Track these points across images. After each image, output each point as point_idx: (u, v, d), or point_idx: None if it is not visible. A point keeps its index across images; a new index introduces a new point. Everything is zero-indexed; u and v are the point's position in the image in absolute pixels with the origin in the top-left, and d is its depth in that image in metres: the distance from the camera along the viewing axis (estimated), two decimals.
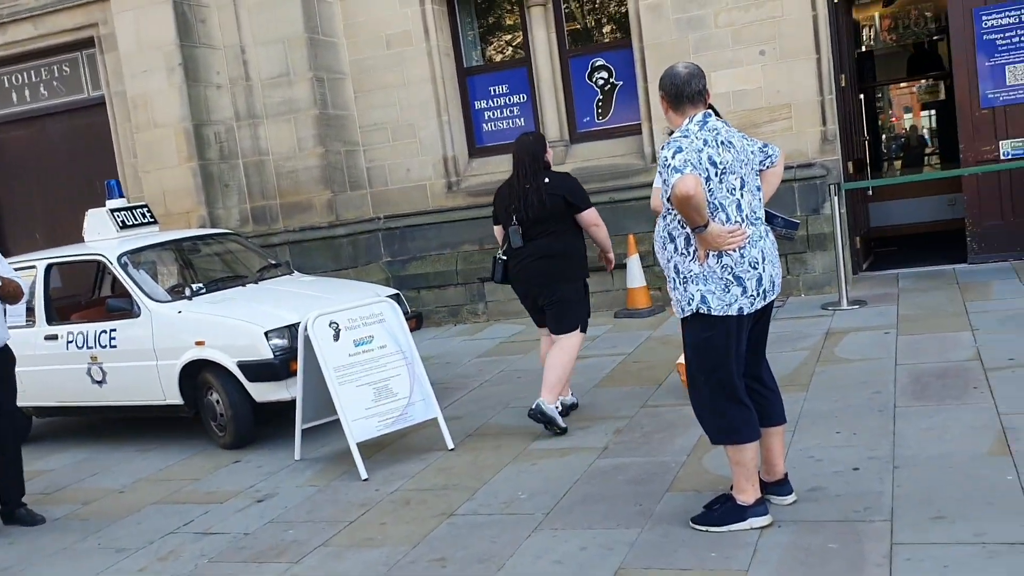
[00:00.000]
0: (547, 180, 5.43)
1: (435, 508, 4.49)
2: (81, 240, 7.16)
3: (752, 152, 3.72)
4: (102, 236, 6.96)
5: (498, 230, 5.75)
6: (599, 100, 9.61)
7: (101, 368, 6.37)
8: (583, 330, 5.67)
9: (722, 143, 3.57)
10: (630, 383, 6.33)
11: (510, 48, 10.17)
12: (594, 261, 6.06)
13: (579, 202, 5.47)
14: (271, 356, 5.84)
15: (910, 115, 18.90)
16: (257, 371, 5.87)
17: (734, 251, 3.54)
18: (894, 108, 17.27)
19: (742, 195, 3.60)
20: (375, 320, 5.53)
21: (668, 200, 3.52)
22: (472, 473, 4.94)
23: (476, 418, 6.00)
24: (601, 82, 9.57)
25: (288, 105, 9.39)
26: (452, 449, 5.38)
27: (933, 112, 16.69)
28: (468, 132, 10.03)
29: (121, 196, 7.27)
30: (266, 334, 5.88)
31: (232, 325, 6.00)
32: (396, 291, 7.00)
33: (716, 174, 3.52)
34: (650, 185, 8.92)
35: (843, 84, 8.89)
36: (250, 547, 4.34)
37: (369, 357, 5.40)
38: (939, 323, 6.69)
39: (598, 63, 9.57)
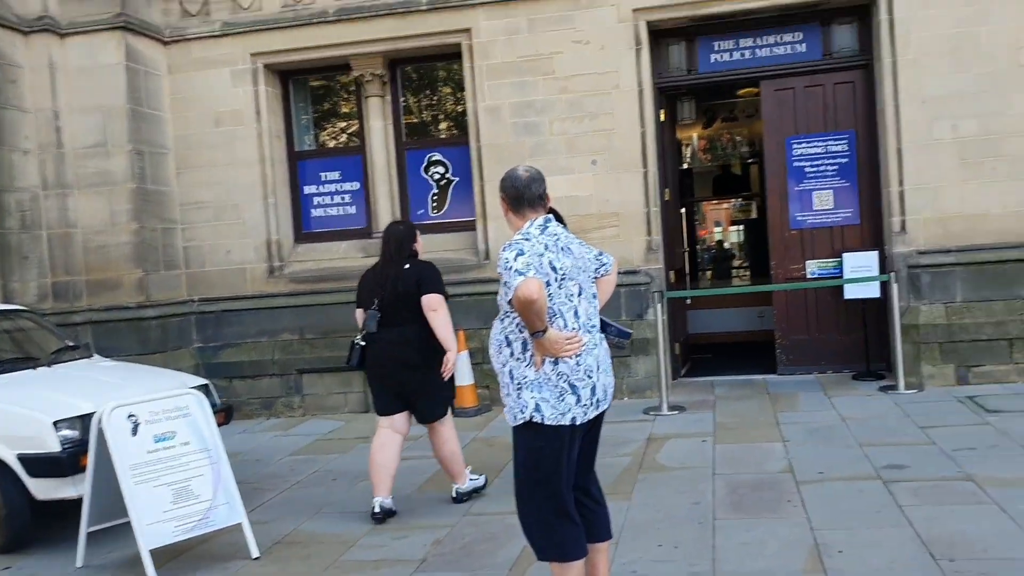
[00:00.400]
0: (407, 267, 5.50)
1: None
2: None
3: (589, 259, 3.70)
4: None
5: (359, 314, 5.73)
6: (434, 194, 9.59)
7: None
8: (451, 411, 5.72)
9: (562, 248, 3.53)
10: (451, 488, 6.08)
11: (345, 135, 10.04)
12: None
13: (427, 286, 5.49)
14: (58, 449, 5.24)
15: (720, 229, 20.13)
16: (41, 466, 5.25)
17: (570, 358, 3.45)
18: (707, 223, 18.38)
19: (580, 302, 3.54)
20: (179, 414, 5.09)
21: (508, 303, 3.41)
22: None
23: (285, 523, 5.59)
24: (437, 176, 9.57)
25: (103, 177, 8.81)
26: (257, 558, 4.95)
27: (742, 228, 17.84)
28: (296, 217, 9.74)
29: None
30: (55, 424, 5.29)
31: (15, 413, 5.37)
32: (205, 381, 6.52)
33: (556, 279, 3.46)
34: (484, 281, 8.99)
35: (667, 198, 9.27)
36: None
37: (170, 454, 4.94)
38: (753, 433, 6.89)
39: (435, 157, 9.58)
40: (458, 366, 8.48)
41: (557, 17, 8.73)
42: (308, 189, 9.76)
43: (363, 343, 5.58)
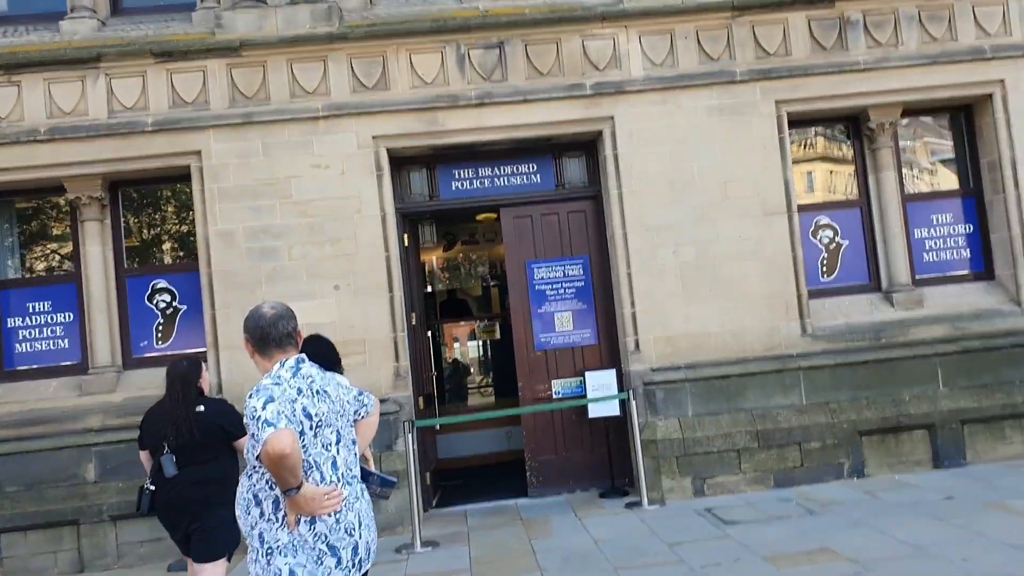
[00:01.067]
0: (201, 408, 5.40)
1: None
2: None
3: (348, 402, 3.42)
4: None
5: (144, 455, 5.62)
6: (160, 324, 8.85)
7: None
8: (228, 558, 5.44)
9: (317, 392, 3.23)
10: None
11: (57, 261, 9.10)
12: None
13: (235, 430, 5.40)
14: None
15: (458, 345, 20.36)
16: None
17: (329, 516, 3.12)
18: (446, 340, 18.54)
19: (338, 450, 3.24)
20: None
21: (257, 457, 3.04)
22: None
23: None
24: (163, 304, 8.86)
25: None
26: None
27: (482, 346, 18.14)
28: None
29: None
30: None
31: None
32: None
33: (311, 427, 3.15)
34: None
35: (413, 322, 9.16)
36: None
37: None
38: (509, 565, 6.73)
39: (160, 284, 8.89)
40: None
41: (295, 141, 8.53)
42: (12, 322, 8.68)
43: (152, 487, 5.37)
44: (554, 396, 9.03)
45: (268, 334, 3.29)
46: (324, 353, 6.24)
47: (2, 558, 7.99)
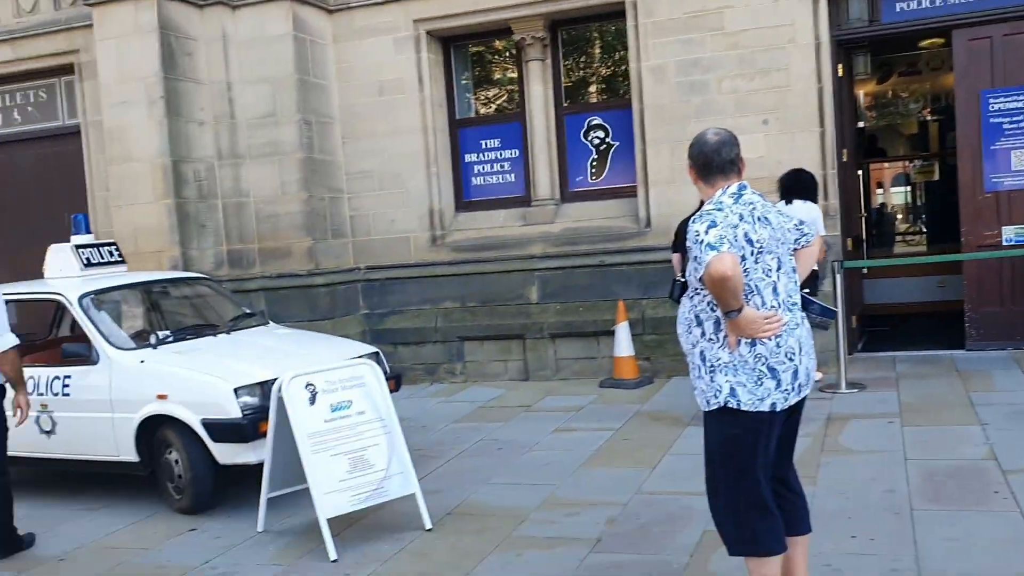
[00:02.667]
0: None
1: None
2: (42, 276, 6.70)
3: (788, 230, 3.39)
4: (64, 273, 6.50)
5: (676, 258, 6.58)
6: (593, 159, 9.34)
7: (51, 417, 5.88)
8: None
9: (759, 219, 3.24)
10: (621, 463, 5.93)
11: (505, 101, 9.91)
12: None
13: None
14: (239, 415, 5.38)
15: (894, 190, 18.96)
16: (223, 431, 5.41)
17: (769, 339, 3.18)
18: (876, 184, 17.32)
19: (778, 277, 3.26)
20: (355, 384, 5.11)
21: (699, 280, 3.17)
22: (452, 561, 4.49)
23: (454, 494, 5.56)
24: (597, 141, 9.32)
25: (273, 147, 9.03)
26: (429, 530, 4.93)
27: (908, 189, 16.71)
28: (456, 185, 9.71)
29: (88, 232, 6.84)
30: (235, 391, 5.43)
31: (199, 379, 5.55)
32: (376, 349, 6.57)
33: (752, 253, 3.18)
34: (644, 250, 8.72)
35: (844, 159, 8.69)
36: None
37: (346, 424, 4.97)
38: (944, 415, 6.37)
39: (595, 122, 9.32)
40: (618, 336, 8.36)
41: None
42: (469, 157, 9.70)
43: (683, 279, 5.71)
44: (1004, 243, 8.13)
45: (711, 160, 3.35)
46: (805, 184, 6.85)
47: (465, 362, 9.29)
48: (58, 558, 5.05)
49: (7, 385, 5.11)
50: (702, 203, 3.45)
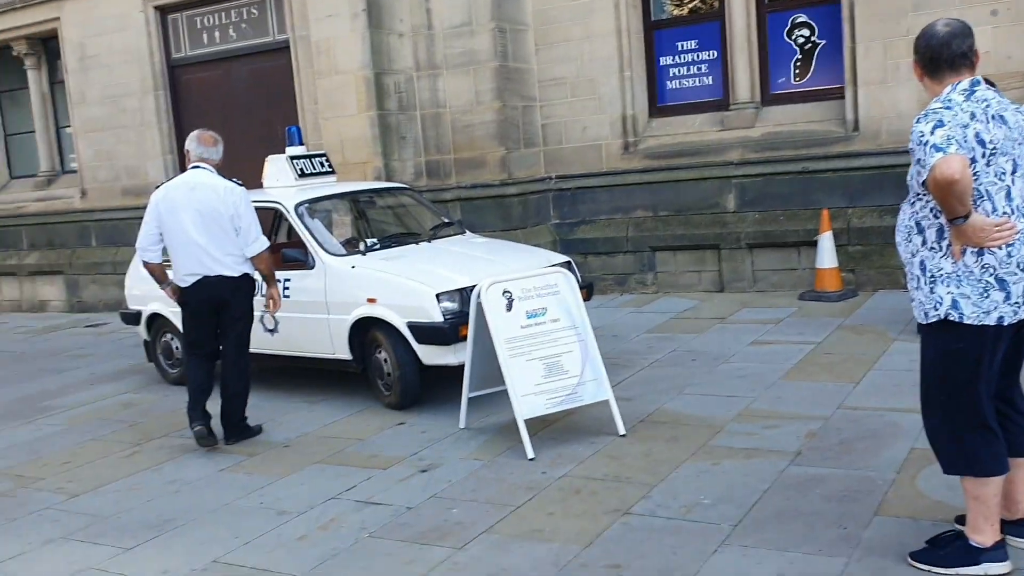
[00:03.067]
0: None
1: (607, 503, 4.14)
2: (259, 185, 7.15)
3: None
4: (281, 183, 6.92)
5: None
6: (797, 60, 8.85)
7: (274, 316, 6.35)
8: None
9: (992, 117, 2.98)
10: (822, 377, 5.75)
11: (701, 1, 9.49)
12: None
13: None
14: (441, 319, 5.62)
15: None
16: (426, 333, 5.67)
17: (999, 249, 2.95)
18: None
19: (1013, 181, 3.00)
20: (549, 292, 5.19)
21: (922, 184, 2.96)
22: (646, 467, 4.55)
23: (647, 402, 5.59)
24: (801, 40, 8.80)
25: (468, 56, 9.12)
26: (623, 435, 5.00)
27: None
28: (651, 90, 9.48)
29: (301, 143, 7.22)
30: (437, 296, 5.66)
31: (404, 285, 5.82)
32: (568, 258, 6.63)
33: (983, 155, 2.94)
34: (851, 155, 8.27)
35: None
36: (412, 524, 4.12)
37: (541, 330, 5.08)
38: None
39: (799, 19, 8.79)
40: (821, 246, 8.01)
41: None
42: (664, 60, 9.42)
43: None
44: None
45: (939, 54, 3.07)
46: None
47: (657, 272, 9.22)
48: (283, 444, 5.52)
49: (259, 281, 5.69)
50: None
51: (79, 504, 4.82)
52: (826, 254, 8.02)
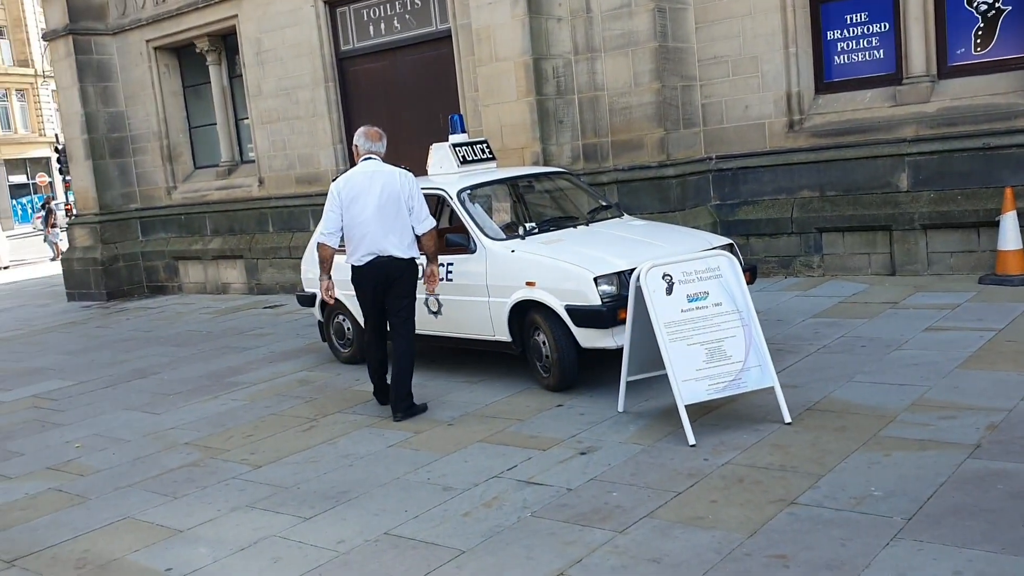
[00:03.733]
0: None
1: (772, 492, 4.07)
2: (423, 172, 7.38)
3: None
4: (444, 170, 7.12)
5: None
6: (979, 28, 8.29)
7: (437, 299, 6.55)
8: None
9: None
10: (1004, 366, 5.42)
11: None
12: None
13: None
14: (599, 303, 5.65)
15: None
16: (584, 317, 5.72)
17: None
18: None
19: None
20: (711, 275, 5.12)
21: None
22: (813, 456, 4.43)
23: (814, 390, 5.43)
24: (984, 7, 8.24)
25: (627, 38, 9.05)
26: (788, 423, 4.89)
27: None
28: (816, 66, 9.11)
29: (463, 131, 7.39)
30: (595, 280, 5.69)
31: (562, 268, 5.88)
32: (730, 241, 6.52)
33: None
34: None
35: None
36: (572, 505, 4.19)
37: (703, 315, 5.02)
38: None
39: None
40: (1003, 227, 7.53)
41: None
42: (831, 34, 9.02)
43: None
44: None
45: None
46: None
47: (823, 254, 8.90)
48: (447, 423, 5.71)
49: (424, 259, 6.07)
50: None
51: (262, 475, 5.16)
52: (1009, 235, 7.53)
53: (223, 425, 6.30)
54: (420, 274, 6.10)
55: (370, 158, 5.94)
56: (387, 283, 5.87)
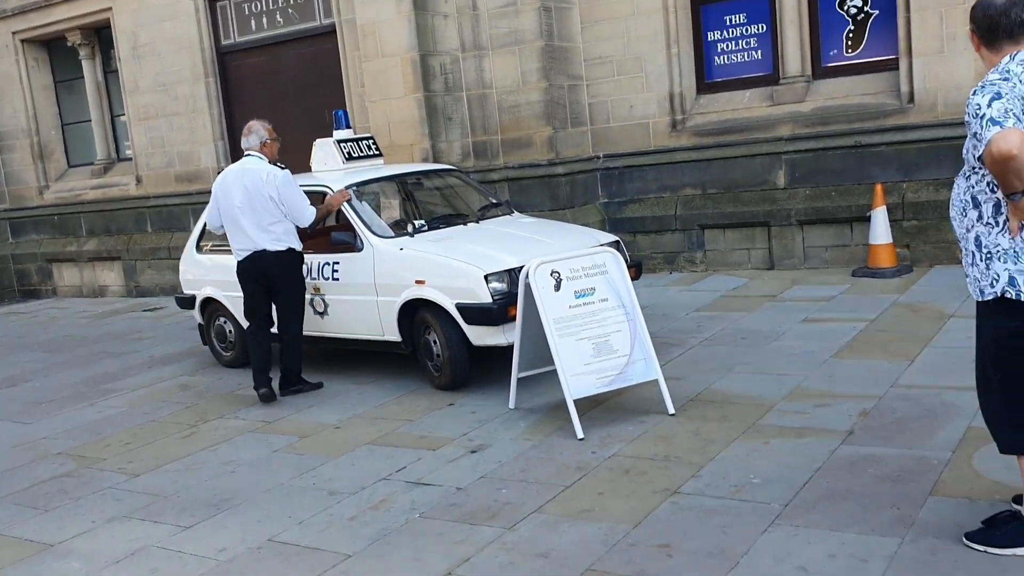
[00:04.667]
0: None
1: (657, 482, 4.14)
2: (307, 169, 7.23)
3: None
4: (328, 167, 6.99)
5: None
6: (850, 31, 8.65)
7: (323, 299, 6.43)
8: None
9: None
10: (875, 355, 5.66)
11: None
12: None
13: None
14: (490, 300, 5.65)
15: None
16: (475, 314, 5.70)
17: None
18: None
19: None
20: (597, 271, 5.18)
21: (978, 158, 2.89)
22: (696, 446, 4.53)
23: (697, 381, 5.57)
24: (854, 11, 8.60)
25: (513, 36, 9.08)
26: (672, 415, 4.99)
27: None
28: (698, 66, 9.35)
29: (348, 127, 7.27)
30: (486, 277, 5.68)
31: (452, 266, 5.85)
32: (616, 238, 6.61)
33: None
34: (905, 128, 8.10)
35: None
36: (462, 504, 4.17)
37: (590, 310, 5.08)
38: None
39: None
40: (874, 222, 7.87)
41: None
42: (711, 35, 9.28)
43: None
44: None
45: (998, 23, 2.98)
46: None
47: (706, 250, 9.14)
48: (334, 426, 5.61)
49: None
50: None
51: (140, 483, 4.96)
52: (880, 229, 7.88)
53: (99, 433, 6.03)
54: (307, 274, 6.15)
55: (249, 154, 6.12)
56: (268, 276, 6.08)
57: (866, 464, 4.06)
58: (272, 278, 6.09)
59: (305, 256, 6.40)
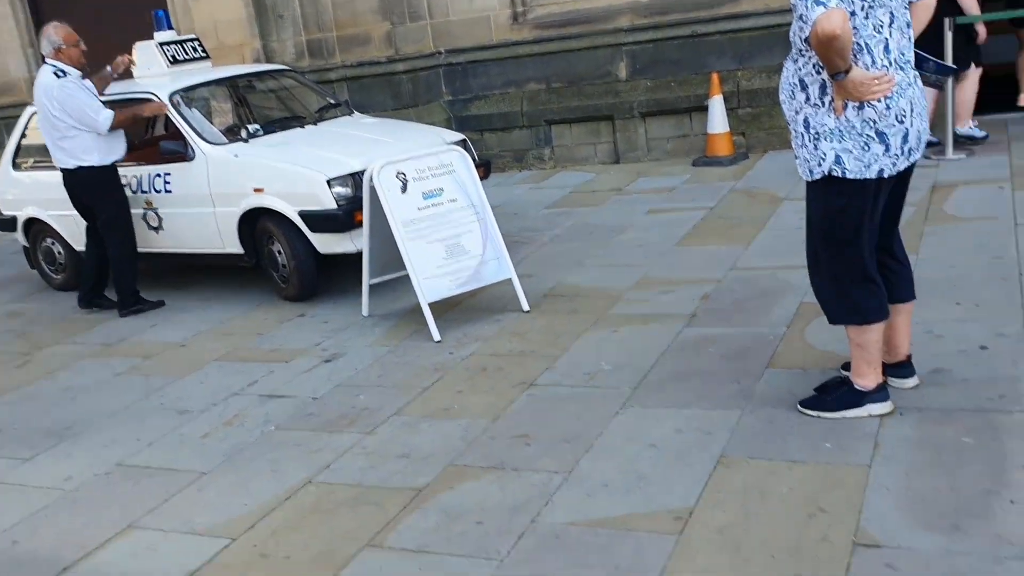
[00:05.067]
0: None
1: (513, 377, 4.20)
2: (130, 75, 6.73)
3: None
4: (152, 72, 6.52)
5: None
6: None
7: (156, 214, 6.09)
8: None
9: None
10: (715, 242, 5.87)
11: None
12: None
13: None
14: (334, 206, 5.48)
15: None
16: (320, 222, 5.53)
17: (878, 101, 2.99)
18: None
19: (890, 33, 3.02)
20: (444, 171, 5.10)
21: (804, 40, 2.96)
22: (549, 339, 4.61)
23: (548, 277, 5.63)
24: None
25: None
26: (527, 311, 5.05)
27: None
28: None
29: (170, 28, 6.78)
30: (328, 182, 5.49)
31: (292, 172, 5.62)
32: (463, 136, 6.51)
33: (863, 8, 2.94)
34: (738, 16, 8.24)
35: None
36: (318, 414, 4.11)
37: (439, 211, 5.02)
38: None
39: None
40: (711, 111, 8.06)
41: None
42: None
43: None
44: None
45: None
46: None
47: (554, 146, 9.16)
48: (179, 344, 5.39)
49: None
50: None
51: None
52: (717, 119, 8.10)
53: None
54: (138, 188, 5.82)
55: (46, 62, 5.81)
56: (74, 196, 5.90)
57: (708, 344, 4.24)
58: (78, 197, 5.87)
59: (135, 169, 6.02)
